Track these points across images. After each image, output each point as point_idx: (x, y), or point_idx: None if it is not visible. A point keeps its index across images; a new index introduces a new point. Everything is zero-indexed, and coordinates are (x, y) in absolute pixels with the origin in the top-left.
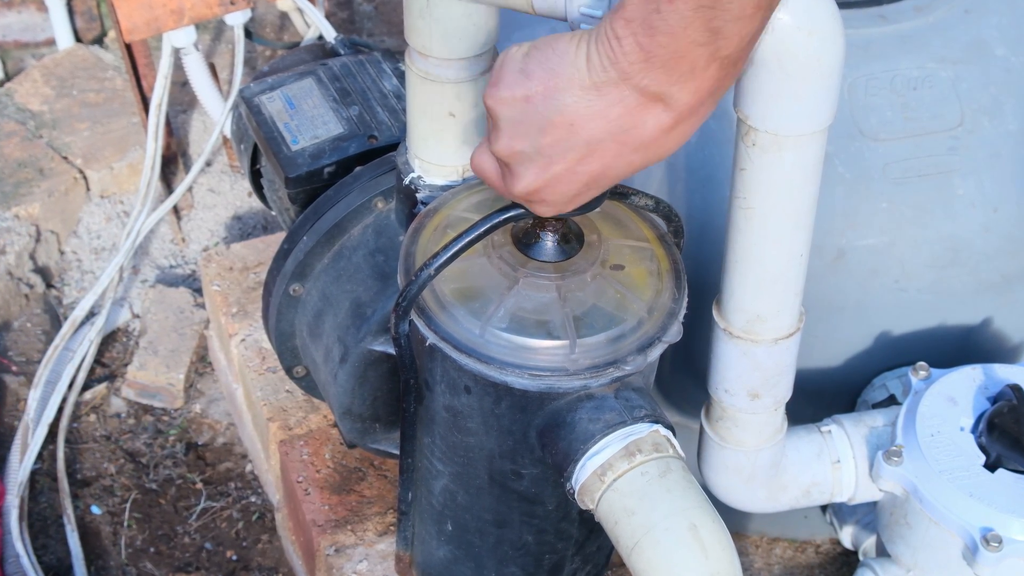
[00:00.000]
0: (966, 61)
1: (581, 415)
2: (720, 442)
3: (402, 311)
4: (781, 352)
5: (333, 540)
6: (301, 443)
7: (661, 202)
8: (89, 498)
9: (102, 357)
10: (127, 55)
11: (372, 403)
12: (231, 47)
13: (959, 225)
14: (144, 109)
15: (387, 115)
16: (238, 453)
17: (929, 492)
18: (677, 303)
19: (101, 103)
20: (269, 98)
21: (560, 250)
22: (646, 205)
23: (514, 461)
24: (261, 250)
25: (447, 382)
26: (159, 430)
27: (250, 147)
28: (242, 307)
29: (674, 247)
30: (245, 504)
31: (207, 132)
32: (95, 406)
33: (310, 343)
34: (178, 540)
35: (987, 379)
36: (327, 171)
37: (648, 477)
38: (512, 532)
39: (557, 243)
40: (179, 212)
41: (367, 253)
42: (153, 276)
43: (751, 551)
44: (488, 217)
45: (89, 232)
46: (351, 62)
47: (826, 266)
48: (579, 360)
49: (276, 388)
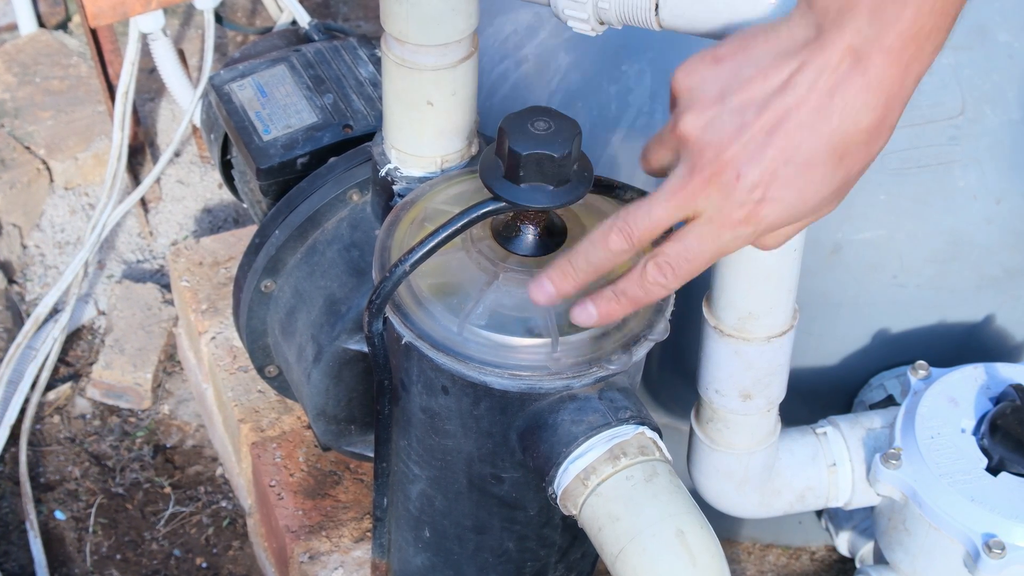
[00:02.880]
0: (967, 47)
1: (563, 417)
2: (710, 445)
3: (376, 308)
4: (774, 351)
5: (307, 547)
6: (274, 445)
7: None
8: (53, 503)
9: (66, 356)
10: (92, 41)
11: (347, 404)
12: (201, 32)
13: (960, 218)
14: (110, 97)
15: (363, 104)
16: (208, 456)
17: (929, 496)
18: (664, 299)
19: (65, 91)
20: (240, 86)
21: (542, 244)
22: (632, 199)
23: (494, 465)
24: (232, 244)
25: (424, 382)
26: (126, 432)
27: (220, 137)
28: (212, 304)
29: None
30: (215, 509)
31: (176, 121)
32: (59, 407)
33: (282, 341)
34: (145, 547)
35: (989, 379)
36: (300, 162)
37: (633, 481)
38: (492, 539)
39: (539, 237)
40: (146, 204)
41: (342, 248)
42: (119, 271)
43: (743, 558)
44: (467, 211)
45: (53, 225)
46: (325, 48)
47: (821, 261)
48: (561, 359)
49: (248, 388)
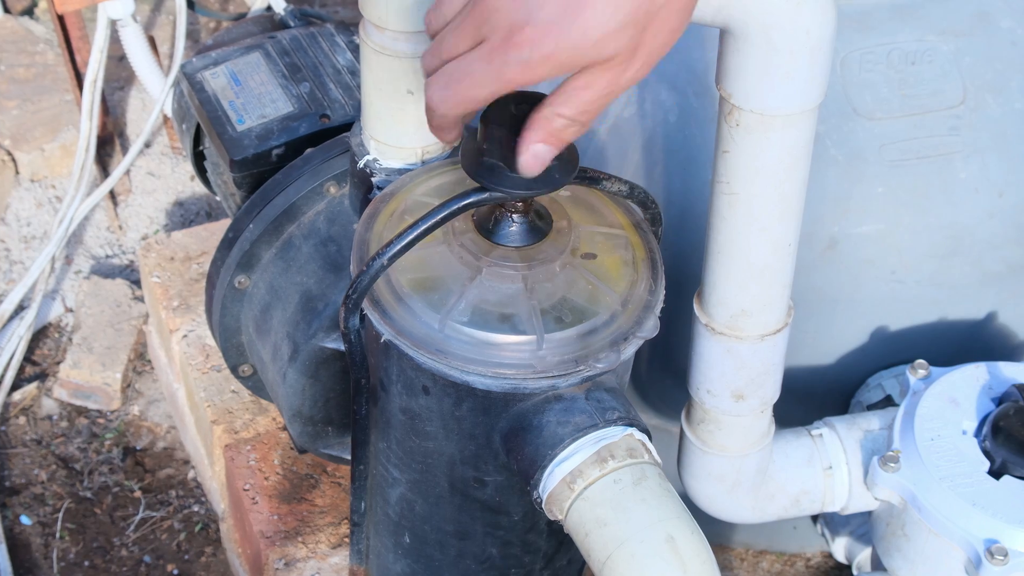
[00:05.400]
0: (969, 34)
1: (549, 418)
2: (702, 447)
3: (352, 304)
4: (768, 350)
5: (283, 553)
6: (248, 448)
7: (636, 187)
8: (18, 507)
9: (32, 354)
10: (60, 27)
11: (324, 405)
12: (172, 18)
13: (961, 211)
14: (78, 86)
15: (341, 92)
16: (180, 459)
17: (929, 501)
18: (654, 295)
19: (31, 79)
20: (213, 74)
21: (527, 235)
22: (620, 191)
23: (477, 468)
24: (204, 238)
25: (403, 382)
26: (94, 434)
27: (192, 127)
28: (184, 300)
29: (650, 234)
30: (187, 514)
31: (146, 111)
32: (25, 407)
33: (257, 340)
34: (115, 553)
35: (991, 378)
36: (275, 153)
37: (621, 485)
38: (475, 544)
39: (523, 227)
40: (116, 197)
41: (318, 242)
42: (88, 267)
43: (735, 565)
44: (448, 202)
45: (18, 219)
46: (302, 35)
47: (817, 256)
48: (547, 357)
49: (221, 388)
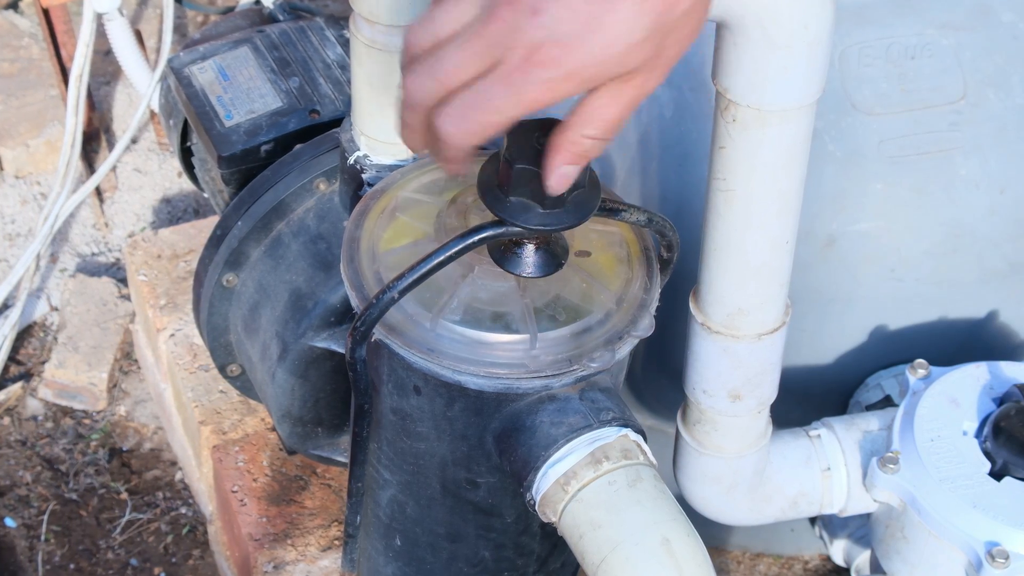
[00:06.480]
0: (969, 27)
1: (542, 418)
2: (698, 448)
3: (360, 335)
4: (765, 349)
5: (271, 556)
6: (236, 449)
7: (655, 217)
8: (3, 509)
9: (17, 354)
10: (45, 21)
11: (314, 405)
12: (159, 12)
13: (962, 208)
14: (63, 81)
15: (331, 88)
16: (167, 460)
17: (929, 503)
18: (649, 294)
19: (16, 74)
20: (200, 68)
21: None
22: (638, 221)
23: (469, 469)
24: (192, 236)
25: (394, 382)
26: (80, 434)
27: (180, 123)
28: (171, 299)
29: (645, 230)
30: (174, 516)
31: (133, 106)
32: (9, 408)
33: (245, 339)
34: (101, 555)
35: (992, 378)
36: (264, 149)
37: (616, 487)
38: (467, 547)
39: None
40: (102, 194)
41: (308, 239)
42: (73, 265)
43: (732, 568)
44: (465, 235)
45: (2, 216)
46: (291, 29)
47: (815, 254)
48: (540, 357)
49: (209, 388)
